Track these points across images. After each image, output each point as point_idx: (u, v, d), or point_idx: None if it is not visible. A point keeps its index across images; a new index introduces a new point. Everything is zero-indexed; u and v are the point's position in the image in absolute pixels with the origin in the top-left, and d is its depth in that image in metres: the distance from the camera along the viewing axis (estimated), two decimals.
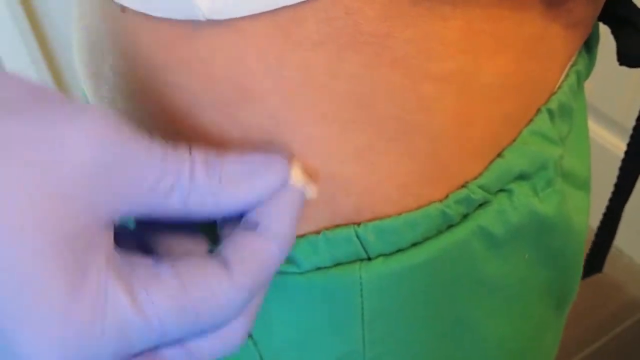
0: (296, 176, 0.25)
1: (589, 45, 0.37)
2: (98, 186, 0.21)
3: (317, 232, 0.30)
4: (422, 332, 0.33)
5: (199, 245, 0.25)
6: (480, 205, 0.31)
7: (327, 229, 0.29)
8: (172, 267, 0.22)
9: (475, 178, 0.30)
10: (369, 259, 0.30)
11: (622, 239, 1.23)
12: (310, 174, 0.26)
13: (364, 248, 0.29)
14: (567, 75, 0.34)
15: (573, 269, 0.38)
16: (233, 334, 0.24)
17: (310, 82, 0.26)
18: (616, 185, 0.45)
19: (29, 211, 0.19)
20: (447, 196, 0.30)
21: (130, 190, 0.21)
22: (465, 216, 0.30)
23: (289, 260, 0.30)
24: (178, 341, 0.23)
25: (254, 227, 0.23)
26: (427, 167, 0.29)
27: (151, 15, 0.26)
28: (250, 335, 0.35)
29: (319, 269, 0.30)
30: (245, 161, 0.24)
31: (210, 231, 0.27)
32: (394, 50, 0.26)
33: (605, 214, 0.47)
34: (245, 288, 0.22)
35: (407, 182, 0.29)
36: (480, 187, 0.30)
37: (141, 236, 0.25)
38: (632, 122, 0.41)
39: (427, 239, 0.30)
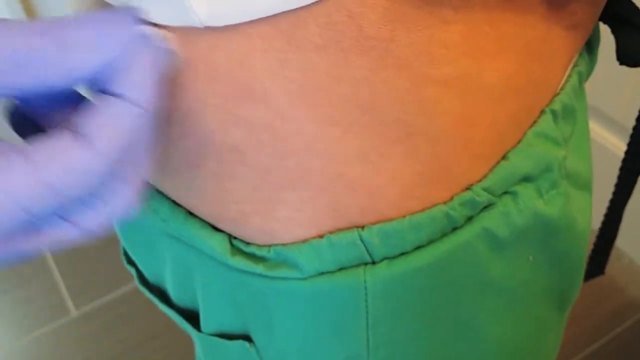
0: (149, 32, 0.23)
1: (590, 46, 0.37)
2: None
3: (320, 236, 0.29)
4: (425, 334, 0.33)
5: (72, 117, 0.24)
6: (485, 207, 0.31)
7: (330, 232, 0.29)
8: (22, 150, 0.21)
9: (480, 180, 0.30)
10: (373, 262, 0.30)
11: (623, 240, 1.23)
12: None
13: (368, 252, 0.29)
14: (569, 76, 0.34)
15: (576, 270, 0.38)
16: (116, 201, 0.23)
17: (313, 85, 0.26)
18: (616, 186, 0.45)
19: None
20: (451, 198, 0.30)
21: None
22: (469, 218, 0.30)
23: (292, 266, 0.30)
24: (60, 216, 0.23)
25: (111, 92, 0.22)
26: (430, 169, 0.29)
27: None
28: (252, 342, 0.35)
29: (322, 274, 0.30)
30: (90, 22, 0.22)
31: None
32: (396, 53, 0.26)
33: (606, 216, 0.47)
34: (106, 156, 0.22)
35: (411, 185, 0.29)
36: (485, 189, 0.30)
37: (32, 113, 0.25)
38: (632, 122, 0.41)
39: (431, 241, 0.30)
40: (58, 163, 0.21)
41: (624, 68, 0.37)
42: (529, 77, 0.30)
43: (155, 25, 0.25)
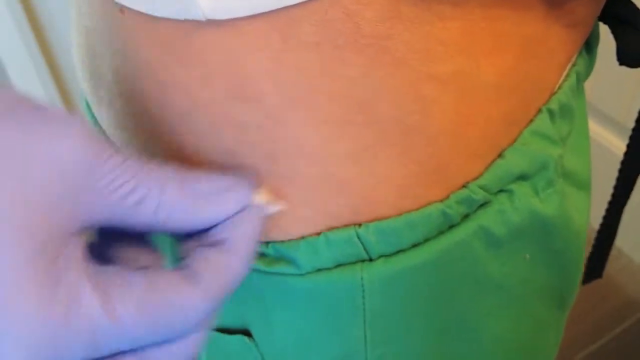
0: (260, 196, 0.26)
1: (589, 46, 0.37)
2: (70, 192, 0.21)
3: (317, 233, 0.30)
4: (423, 331, 0.33)
5: (157, 259, 0.26)
6: (481, 205, 0.31)
7: (325, 229, 0.29)
8: (144, 275, 0.23)
9: (476, 178, 0.30)
10: (370, 259, 0.30)
11: (622, 239, 1.23)
12: (276, 195, 0.28)
13: (365, 249, 0.29)
14: (567, 76, 0.34)
15: (573, 269, 0.38)
16: (190, 344, 0.24)
17: (307, 84, 0.26)
18: (615, 187, 0.45)
19: (6, 221, 0.20)
20: (447, 196, 0.30)
21: (100, 199, 0.22)
22: (466, 216, 0.30)
23: (290, 262, 0.30)
24: (141, 348, 0.23)
25: (219, 243, 0.24)
26: (426, 168, 0.29)
27: (150, 16, 0.26)
28: (251, 337, 0.35)
29: (319, 270, 0.30)
30: (216, 180, 0.24)
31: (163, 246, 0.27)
32: (393, 51, 0.26)
33: (604, 217, 0.47)
34: (211, 300, 0.23)
35: (406, 184, 0.29)
36: (481, 187, 0.30)
37: (101, 251, 0.26)
38: (632, 122, 0.41)
39: (427, 239, 0.30)
40: (174, 298, 0.22)
41: (624, 68, 0.37)
42: (525, 76, 0.30)
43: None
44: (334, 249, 0.29)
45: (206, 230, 0.25)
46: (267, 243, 0.30)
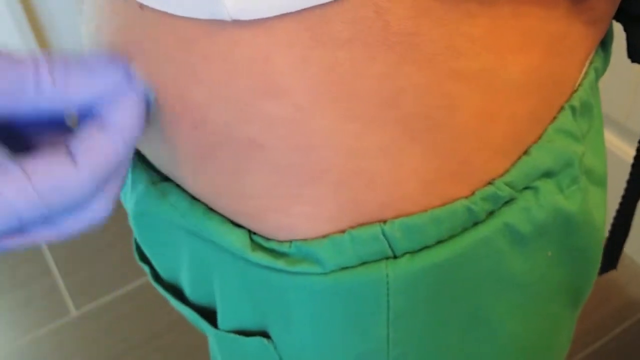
0: (137, 79, 0.27)
1: (605, 43, 0.37)
2: None
3: (341, 231, 0.30)
4: (444, 329, 0.33)
5: (61, 139, 0.28)
6: (506, 202, 0.31)
7: (350, 227, 0.29)
8: (19, 162, 0.24)
9: (500, 175, 0.30)
10: (395, 257, 0.30)
11: None
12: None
13: (390, 246, 0.29)
14: (586, 73, 0.34)
15: (591, 267, 0.38)
16: (94, 211, 0.27)
17: (336, 81, 0.26)
18: (628, 182, 0.45)
19: None
20: (473, 193, 0.30)
21: None
22: (490, 213, 0.30)
23: (313, 260, 0.30)
24: (43, 221, 0.26)
25: (99, 123, 0.26)
26: (451, 164, 0.29)
27: (172, 14, 0.26)
28: (269, 338, 0.35)
29: (344, 268, 0.30)
30: (86, 62, 0.26)
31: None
32: (421, 48, 0.26)
33: (618, 211, 0.47)
34: (89, 176, 0.25)
35: (431, 179, 0.29)
36: (507, 184, 0.30)
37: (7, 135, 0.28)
38: (633, 123, 0.42)
39: (452, 236, 0.30)
40: (51, 178, 0.24)
41: (624, 68, 0.37)
42: (550, 73, 0.30)
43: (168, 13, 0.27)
44: (358, 246, 0.29)
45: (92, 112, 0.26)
46: (290, 242, 0.30)
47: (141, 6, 0.28)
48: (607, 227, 0.47)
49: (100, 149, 0.25)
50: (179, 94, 0.29)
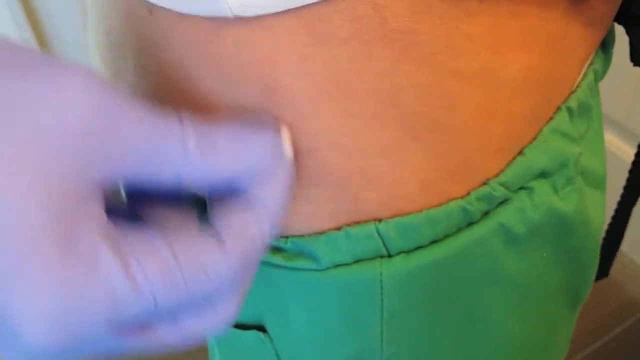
0: (287, 149, 0.24)
1: (605, 45, 0.37)
2: (87, 149, 0.20)
3: (338, 228, 0.30)
4: (438, 328, 0.33)
5: (188, 219, 0.25)
6: (501, 202, 0.31)
7: (348, 225, 0.30)
8: (165, 238, 0.22)
9: (497, 175, 0.30)
10: (390, 256, 0.30)
11: (623, 240, 1.23)
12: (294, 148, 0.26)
13: (384, 245, 0.29)
14: (585, 74, 0.34)
15: (588, 267, 0.38)
16: (223, 312, 0.24)
17: (335, 79, 0.26)
18: (625, 189, 0.45)
19: (16, 178, 0.19)
20: (468, 193, 0.30)
21: (120, 157, 0.21)
22: (485, 213, 0.30)
23: (309, 257, 0.30)
24: (168, 317, 0.23)
25: (246, 202, 0.23)
26: (450, 163, 0.29)
27: (178, 14, 0.26)
28: (266, 332, 0.35)
29: (338, 266, 0.30)
30: (236, 131, 0.23)
31: (200, 206, 0.27)
32: (420, 46, 0.26)
33: (613, 218, 0.47)
34: (236, 262, 0.22)
35: (430, 179, 0.29)
36: (502, 184, 0.30)
37: (131, 209, 0.25)
38: (633, 123, 0.42)
39: (447, 236, 0.30)
40: (200, 262, 0.21)
41: (624, 68, 0.37)
42: (548, 73, 0.30)
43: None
44: (353, 244, 0.29)
45: (233, 190, 0.24)
46: (287, 238, 0.30)
47: (150, 9, 0.28)
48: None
49: (248, 233, 0.23)
50: (190, 103, 0.29)
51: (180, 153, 0.22)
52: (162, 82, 0.29)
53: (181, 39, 0.27)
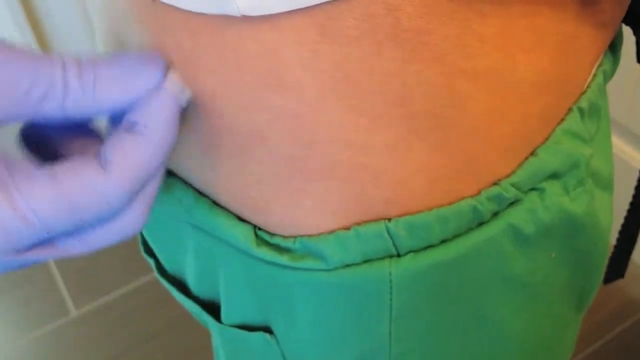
0: (171, 80, 0.26)
1: (614, 46, 0.37)
2: None
3: (346, 227, 0.30)
4: (446, 328, 0.33)
5: (91, 146, 0.27)
6: (511, 203, 0.31)
7: (355, 223, 0.29)
8: (49, 169, 0.23)
9: (507, 175, 0.30)
10: (399, 255, 0.30)
11: None
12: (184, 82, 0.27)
13: (394, 244, 0.29)
14: (594, 75, 0.34)
15: (596, 269, 0.38)
16: (127, 223, 0.25)
17: (344, 76, 0.26)
18: (636, 189, 0.45)
19: None
20: (478, 192, 0.30)
21: (2, 95, 0.22)
22: (495, 214, 0.30)
23: (318, 257, 0.30)
24: (71, 233, 0.25)
25: (132, 128, 0.25)
26: (458, 162, 0.29)
27: (182, 10, 0.26)
28: (272, 334, 0.35)
29: (347, 265, 0.30)
30: (118, 63, 0.24)
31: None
32: (430, 46, 0.26)
33: (626, 218, 0.47)
34: (123, 184, 0.24)
35: (438, 177, 0.29)
36: (513, 184, 0.30)
37: (26, 144, 0.27)
38: (634, 124, 0.42)
39: (457, 235, 0.30)
40: (82, 186, 0.23)
41: (624, 69, 0.37)
42: (559, 74, 0.30)
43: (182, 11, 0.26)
44: (363, 243, 0.29)
45: (124, 115, 0.25)
46: (294, 238, 0.30)
47: (153, 0, 0.28)
48: (614, 234, 0.47)
49: (132, 154, 0.24)
50: (187, 84, 0.29)
51: (61, 85, 0.23)
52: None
53: (182, 28, 0.27)
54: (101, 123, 0.28)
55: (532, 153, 0.31)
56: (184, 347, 1.24)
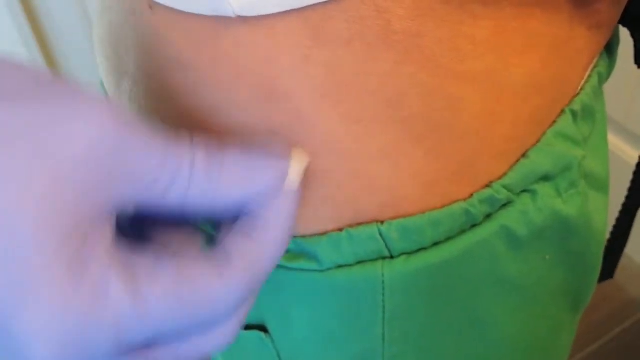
0: (294, 175, 0.24)
1: (610, 48, 0.37)
2: (97, 176, 0.21)
3: (340, 229, 0.30)
4: (440, 330, 0.33)
5: (193, 243, 0.25)
6: (504, 205, 0.31)
7: (350, 226, 0.29)
8: (173, 262, 0.22)
9: (500, 178, 0.30)
10: (392, 257, 0.30)
11: None
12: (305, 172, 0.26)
13: (387, 246, 0.29)
14: (589, 77, 0.34)
15: (591, 271, 0.38)
16: (222, 335, 0.24)
17: (337, 80, 0.26)
18: (630, 190, 0.45)
19: (28, 201, 0.19)
20: (471, 195, 0.30)
21: (129, 183, 0.21)
22: (488, 216, 0.30)
23: (311, 258, 0.30)
24: (169, 340, 0.23)
25: (250, 228, 0.23)
26: (452, 166, 0.29)
27: (179, 12, 0.26)
28: (267, 333, 0.35)
29: (340, 267, 0.30)
30: (245, 156, 0.23)
31: (206, 229, 0.27)
32: (423, 48, 0.26)
33: (617, 220, 0.47)
34: (238, 290, 0.23)
35: (432, 181, 0.29)
36: (505, 187, 0.30)
37: (138, 229, 0.25)
38: (633, 124, 0.42)
39: (449, 238, 0.30)
40: (201, 287, 0.22)
41: (624, 69, 0.37)
42: (552, 76, 0.30)
43: None
44: (355, 245, 0.29)
45: (240, 215, 0.24)
46: None
47: (150, 5, 0.28)
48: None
49: (251, 261, 0.23)
50: (187, 98, 0.29)
51: (188, 174, 0.22)
52: (162, 80, 0.29)
53: (180, 35, 0.27)
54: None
55: (524, 155, 0.31)
56: None
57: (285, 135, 0.27)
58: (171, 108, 0.30)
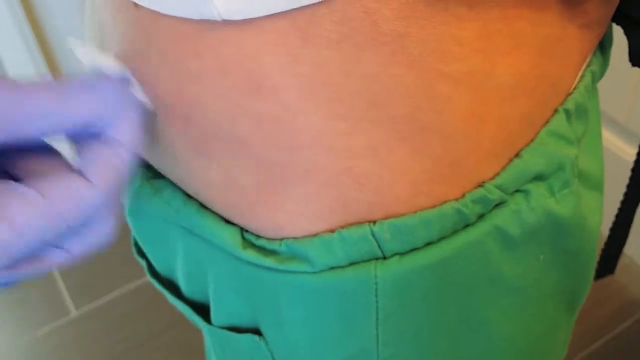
0: (135, 89, 0.27)
1: (603, 46, 0.37)
2: None
3: (331, 230, 0.30)
4: (434, 331, 0.33)
5: (56, 161, 0.27)
6: (496, 205, 0.31)
7: (340, 226, 0.29)
8: (34, 183, 0.24)
9: (491, 178, 0.30)
10: (384, 257, 0.30)
11: None
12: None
13: (379, 247, 0.29)
14: (582, 76, 0.34)
15: (586, 270, 0.38)
16: (101, 232, 0.27)
17: (323, 80, 0.26)
18: (628, 187, 0.45)
19: None
20: (463, 195, 0.30)
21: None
22: (481, 216, 0.30)
23: (303, 259, 0.30)
24: (53, 245, 0.26)
25: (104, 141, 0.26)
26: (440, 166, 0.29)
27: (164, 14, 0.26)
28: (261, 335, 0.35)
29: (333, 268, 0.30)
30: (85, 80, 0.26)
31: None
32: (409, 49, 0.26)
33: (617, 216, 0.47)
34: (101, 189, 0.25)
35: (420, 181, 0.29)
36: (497, 186, 0.30)
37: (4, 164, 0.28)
38: (633, 124, 0.41)
39: (442, 238, 0.30)
40: (71, 198, 0.24)
41: (624, 69, 0.37)
42: (542, 76, 0.30)
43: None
44: (348, 246, 0.29)
45: (92, 133, 0.26)
46: (280, 240, 0.30)
47: (136, 5, 0.28)
48: (605, 232, 0.47)
49: (111, 165, 0.25)
50: (172, 90, 0.29)
51: (37, 110, 0.24)
52: (149, 74, 0.29)
53: (165, 33, 0.27)
54: None
55: (517, 155, 0.31)
56: (184, 346, 1.24)
57: (270, 125, 0.27)
58: (157, 99, 0.30)
